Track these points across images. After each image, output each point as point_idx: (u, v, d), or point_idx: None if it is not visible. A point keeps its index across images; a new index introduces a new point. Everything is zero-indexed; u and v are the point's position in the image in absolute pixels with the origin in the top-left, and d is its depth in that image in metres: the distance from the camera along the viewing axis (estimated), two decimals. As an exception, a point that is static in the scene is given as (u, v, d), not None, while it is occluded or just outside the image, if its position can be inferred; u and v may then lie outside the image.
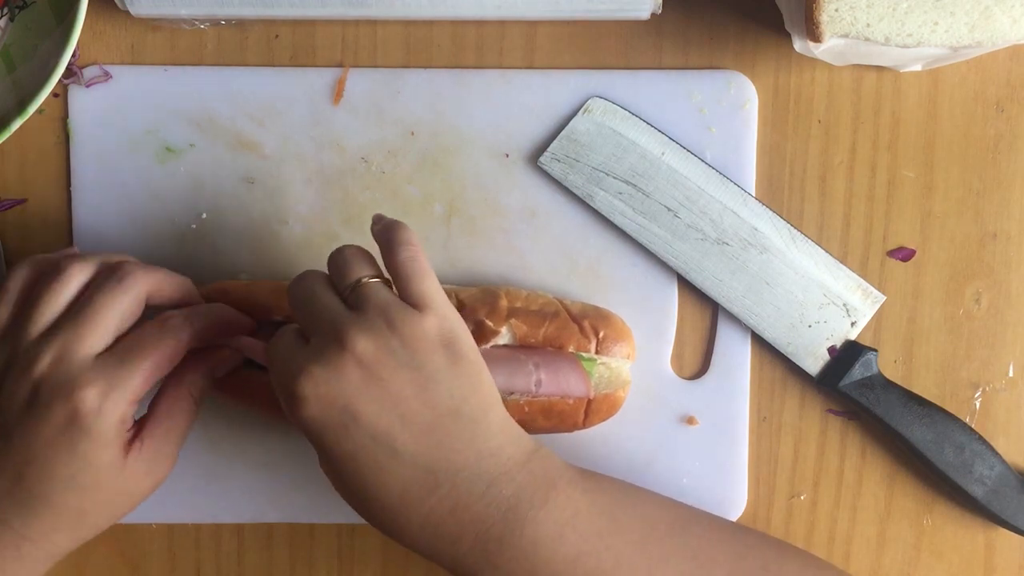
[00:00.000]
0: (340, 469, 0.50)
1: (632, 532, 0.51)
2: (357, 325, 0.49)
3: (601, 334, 0.60)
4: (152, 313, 0.55)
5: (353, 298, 0.51)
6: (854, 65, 0.63)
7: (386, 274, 0.53)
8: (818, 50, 0.57)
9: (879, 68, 0.63)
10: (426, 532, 0.50)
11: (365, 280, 0.51)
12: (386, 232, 0.53)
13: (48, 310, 0.53)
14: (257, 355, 0.57)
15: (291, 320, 0.58)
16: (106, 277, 0.53)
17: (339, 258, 0.53)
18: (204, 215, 0.64)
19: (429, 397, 0.49)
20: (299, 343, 0.51)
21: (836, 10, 0.55)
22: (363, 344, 0.49)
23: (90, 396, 0.50)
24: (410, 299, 0.51)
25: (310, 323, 0.51)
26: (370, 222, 0.56)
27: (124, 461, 0.52)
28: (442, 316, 0.51)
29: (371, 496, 0.50)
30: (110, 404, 0.51)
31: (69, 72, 0.63)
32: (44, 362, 0.51)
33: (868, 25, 0.55)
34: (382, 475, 0.49)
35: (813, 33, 0.55)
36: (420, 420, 0.49)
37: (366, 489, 0.50)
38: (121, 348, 0.52)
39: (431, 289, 0.51)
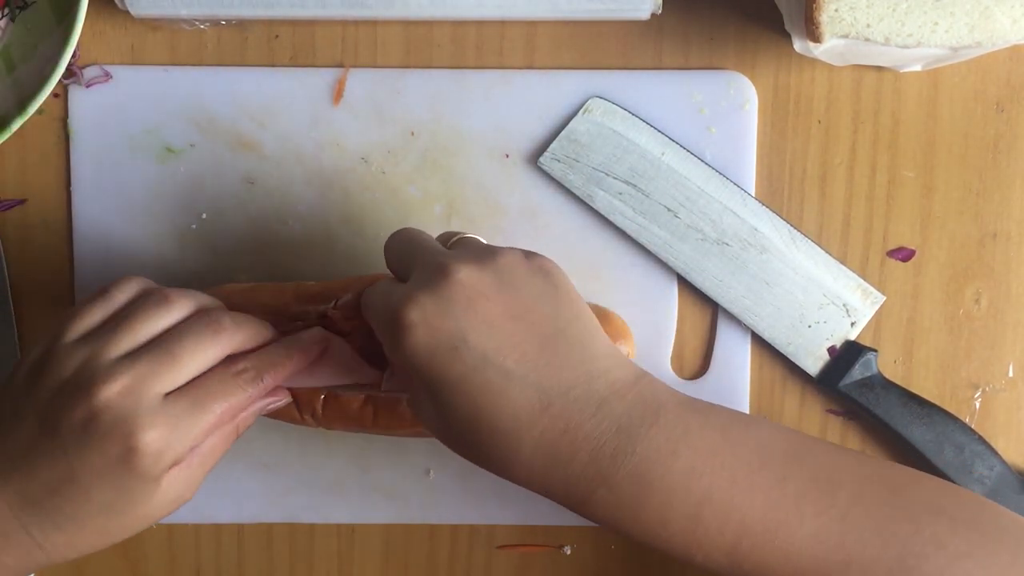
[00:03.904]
0: (449, 396, 0.49)
1: (747, 452, 0.49)
2: (457, 257, 0.50)
3: (601, 334, 0.60)
4: None
5: (453, 245, 0.54)
6: (854, 65, 0.63)
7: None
8: (818, 50, 0.57)
9: (879, 68, 0.63)
10: (538, 456, 0.49)
11: (465, 235, 0.55)
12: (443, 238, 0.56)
13: (140, 333, 0.52)
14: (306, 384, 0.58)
15: (299, 318, 0.58)
16: (202, 324, 0.53)
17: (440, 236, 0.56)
18: (204, 215, 0.64)
19: (534, 319, 0.50)
20: (397, 284, 0.52)
21: (836, 10, 0.55)
22: (466, 271, 0.49)
23: (151, 438, 0.49)
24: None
25: (410, 263, 0.52)
26: (370, 223, 0.56)
27: (159, 487, 0.51)
28: (530, 252, 0.52)
29: (483, 421, 0.49)
30: (169, 450, 0.50)
31: (69, 72, 0.63)
32: (113, 388, 0.50)
33: (868, 25, 0.55)
34: (494, 396, 0.48)
35: (813, 33, 0.55)
36: (528, 340, 0.49)
37: (478, 413, 0.49)
38: (191, 393, 0.52)
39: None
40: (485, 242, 0.55)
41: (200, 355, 0.52)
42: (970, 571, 0.48)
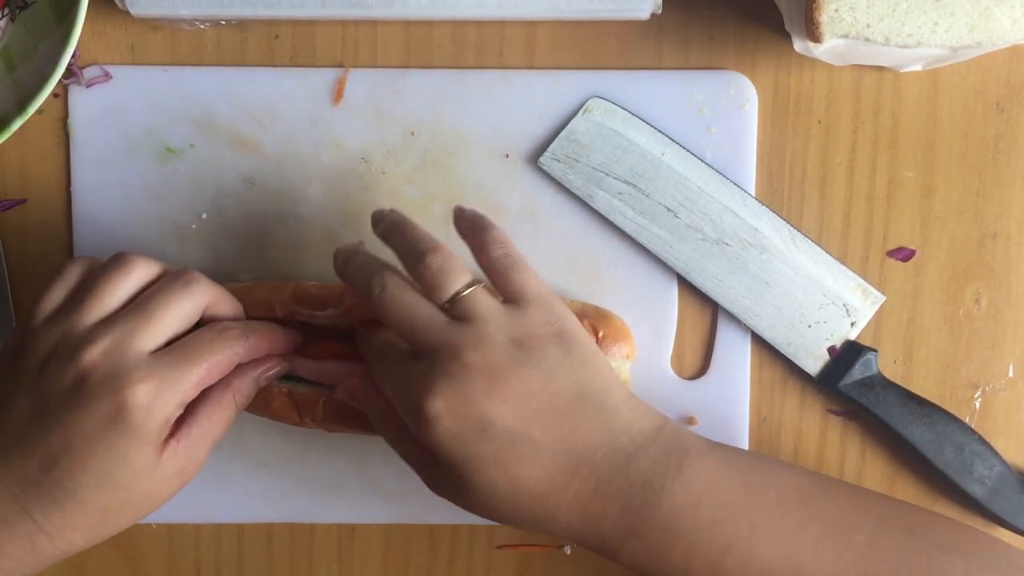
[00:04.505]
0: (484, 472, 0.50)
1: (767, 498, 0.51)
2: (470, 339, 0.50)
3: (600, 333, 0.60)
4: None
5: (456, 311, 0.52)
6: (854, 65, 0.63)
7: (476, 271, 0.54)
8: (818, 50, 0.57)
9: (879, 68, 0.63)
10: (573, 515, 0.51)
11: (465, 293, 0.52)
12: (477, 233, 0.54)
13: (108, 298, 0.52)
14: (307, 373, 0.58)
15: (293, 316, 0.58)
16: (172, 279, 0.53)
17: (427, 270, 0.53)
18: (204, 215, 0.64)
19: (554, 388, 0.51)
20: (411, 362, 0.52)
21: (836, 10, 0.55)
22: (481, 355, 0.50)
23: (140, 392, 0.50)
24: (510, 295, 0.53)
25: (415, 338, 0.52)
26: (370, 223, 0.56)
27: (158, 461, 0.51)
28: (547, 307, 0.52)
29: (520, 489, 0.51)
30: (159, 403, 0.50)
31: (69, 72, 0.63)
32: (96, 350, 0.50)
33: (868, 25, 0.55)
34: (528, 467, 0.50)
35: (813, 33, 0.55)
36: (550, 411, 0.51)
37: (515, 483, 0.50)
38: (177, 349, 0.52)
39: (530, 282, 0.53)
40: (495, 300, 0.53)
41: (175, 309, 0.52)
42: None
